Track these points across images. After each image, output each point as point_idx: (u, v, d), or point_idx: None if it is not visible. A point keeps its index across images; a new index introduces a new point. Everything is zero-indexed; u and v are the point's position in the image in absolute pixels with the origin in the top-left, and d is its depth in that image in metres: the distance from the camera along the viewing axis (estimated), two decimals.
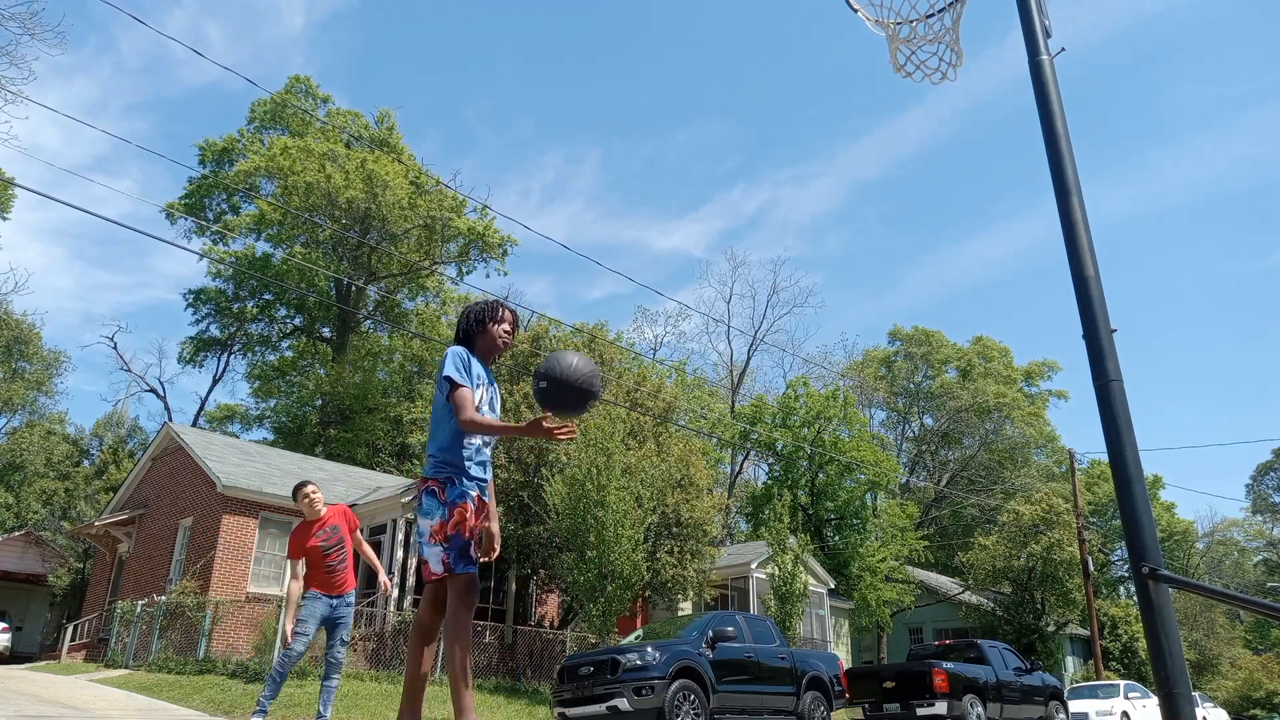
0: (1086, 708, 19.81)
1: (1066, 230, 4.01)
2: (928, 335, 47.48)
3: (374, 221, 32.99)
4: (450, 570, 3.56)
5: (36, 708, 8.99)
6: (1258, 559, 58.72)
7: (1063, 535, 28.34)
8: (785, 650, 13.02)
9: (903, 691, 13.77)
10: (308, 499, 6.57)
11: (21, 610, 29.37)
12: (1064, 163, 4.10)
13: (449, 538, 3.57)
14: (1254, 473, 58.94)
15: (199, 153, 39.22)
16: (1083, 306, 3.87)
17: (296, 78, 40.22)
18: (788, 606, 20.01)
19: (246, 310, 38.57)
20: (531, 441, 17.66)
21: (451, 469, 3.67)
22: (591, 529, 15.69)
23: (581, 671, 11.11)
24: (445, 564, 3.57)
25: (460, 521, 3.59)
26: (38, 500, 31.90)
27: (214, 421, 39.02)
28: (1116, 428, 3.65)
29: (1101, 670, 26.25)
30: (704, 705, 10.78)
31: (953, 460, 45.73)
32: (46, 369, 37.29)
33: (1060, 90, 4.22)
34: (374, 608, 17.58)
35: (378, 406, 34.18)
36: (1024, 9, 4.38)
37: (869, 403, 43.11)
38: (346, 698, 11.85)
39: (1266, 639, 48.43)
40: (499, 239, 36.90)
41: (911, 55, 4.80)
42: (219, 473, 18.00)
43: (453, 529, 3.58)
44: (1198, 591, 3.97)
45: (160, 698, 11.30)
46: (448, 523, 3.59)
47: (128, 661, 15.84)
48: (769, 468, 35.59)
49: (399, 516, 18.18)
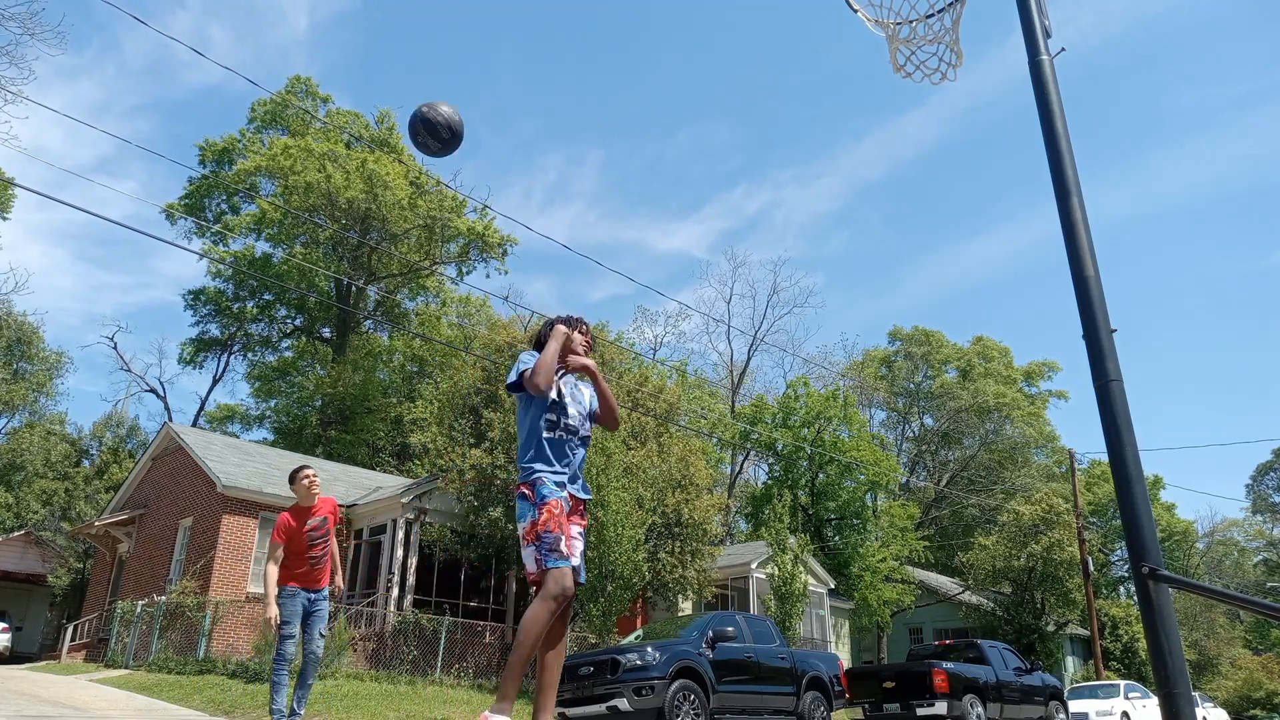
0: (1086, 708, 19.81)
1: (1066, 230, 4.02)
2: (928, 335, 47.48)
3: (374, 221, 32.99)
4: (541, 566, 3.60)
5: (36, 708, 8.99)
6: (1258, 559, 58.71)
7: (1063, 535, 28.34)
8: (785, 650, 13.02)
9: (903, 691, 13.77)
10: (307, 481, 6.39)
11: (21, 610, 29.37)
12: (1064, 163, 4.10)
13: (539, 535, 3.63)
14: (1254, 473, 58.98)
15: (199, 153, 39.23)
16: (1083, 306, 3.87)
17: (297, 78, 40.22)
18: (788, 606, 20.01)
19: (246, 310, 38.57)
20: None
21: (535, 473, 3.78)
22: (591, 529, 15.69)
23: (581, 671, 11.11)
24: (537, 561, 3.62)
25: (549, 518, 3.65)
26: (38, 500, 31.89)
27: (214, 421, 39.02)
28: (1116, 428, 3.65)
29: (1101, 670, 26.25)
30: (704, 705, 10.78)
31: (953, 460, 45.73)
32: (48, 370, 37.28)
33: (1060, 91, 4.23)
34: (374, 608, 17.58)
35: (378, 407, 34.18)
36: (1024, 9, 4.38)
37: (869, 403, 43.10)
38: (346, 697, 11.85)
39: (1266, 639, 48.43)
40: (499, 239, 36.89)
41: (911, 55, 4.80)
42: (219, 473, 17.99)
43: (542, 526, 3.64)
44: (1198, 591, 3.98)
45: (160, 698, 11.30)
46: (538, 521, 3.65)
47: (128, 661, 15.84)
48: (769, 468, 35.60)
49: (399, 516, 18.18)
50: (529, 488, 3.74)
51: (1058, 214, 4.07)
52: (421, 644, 16.11)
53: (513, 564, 19.00)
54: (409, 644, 15.98)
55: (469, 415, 19.35)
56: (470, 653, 16.79)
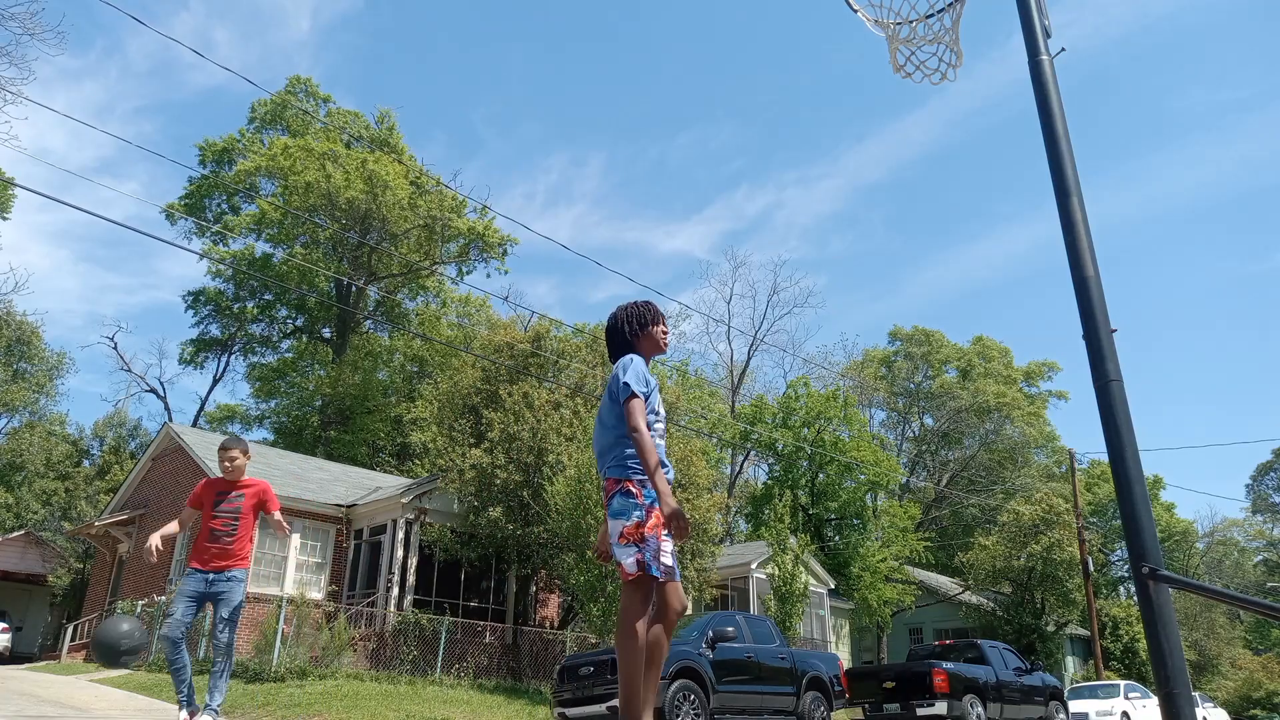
0: (1086, 708, 19.81)
1: (1066, 230, 4.01)
2: (928, 335, 47.47)
3: (374, 221, 32.98)
4: (645, 571, 3.53)
5: (37, 708, 8.99)
6: (1258, 559, 58.70)
7: (1063, 535, 28.34)
8: (785, 650, 13.02)
9: (903, 691, 13.76)
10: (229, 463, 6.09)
11: (21, 610, 29.35)
12: (1064, 163, 4.10)
13: (645, 539, 3.56)
14: (1254, 473, 59.02)
15: (199, 153, 39.23)
16: (1083, 307, 3.87)
17: (297, 78, 40.21)
18: (788, 606, 20.01)
19: (247, 311, 38.58)
20: (531, 441, 17.66)
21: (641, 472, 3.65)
22: (592, 529, 15.67)
23: (581, 671, 11.11)
24: (641, 563, 3.54)
25: (657, 524, 3.58)
26: (38, 500, 31.89)
27: (214, 422, 39.02)
28: (1116, 428, 3.65)
29: (1101, 670, 26.24)
30: (704, 705, 10.78)
31: (953, 460, 45.70)
32: (49, 370, 37.26)
33: (1060, 91, 4.23)
34: (374, 608, 17.58)
35: (378, 407, 34.18)
36: (1024, 10, 4.38)
37: (869, 403, 43.08)
38: (346, 697, 11.85)
39: (1266, 639, 48.45)
40: (499, 239, 36.89)
41: (911, 55, 4.80)
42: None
43: (650, 530, 3.57)
44: (1198, 591, 3.97)
45: (160, 698, 11.29)
46: (644, 524, 3.58)
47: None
48: (769, 468, 35.60)
49: (399, 516, 18.18)
50: (637, 487, 3.63)
51: (1058, 214, 4.07)
52: (421, 644, 16.11)
53: (512, 564, 18.99)
54: (409, 644, 15.98)
55: (469, 415, 19.34)
56: (470, 653, 16.79)
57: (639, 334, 3.98)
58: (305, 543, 18.80)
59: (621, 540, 3.58)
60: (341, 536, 19.37)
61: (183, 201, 38.93)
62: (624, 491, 3.64)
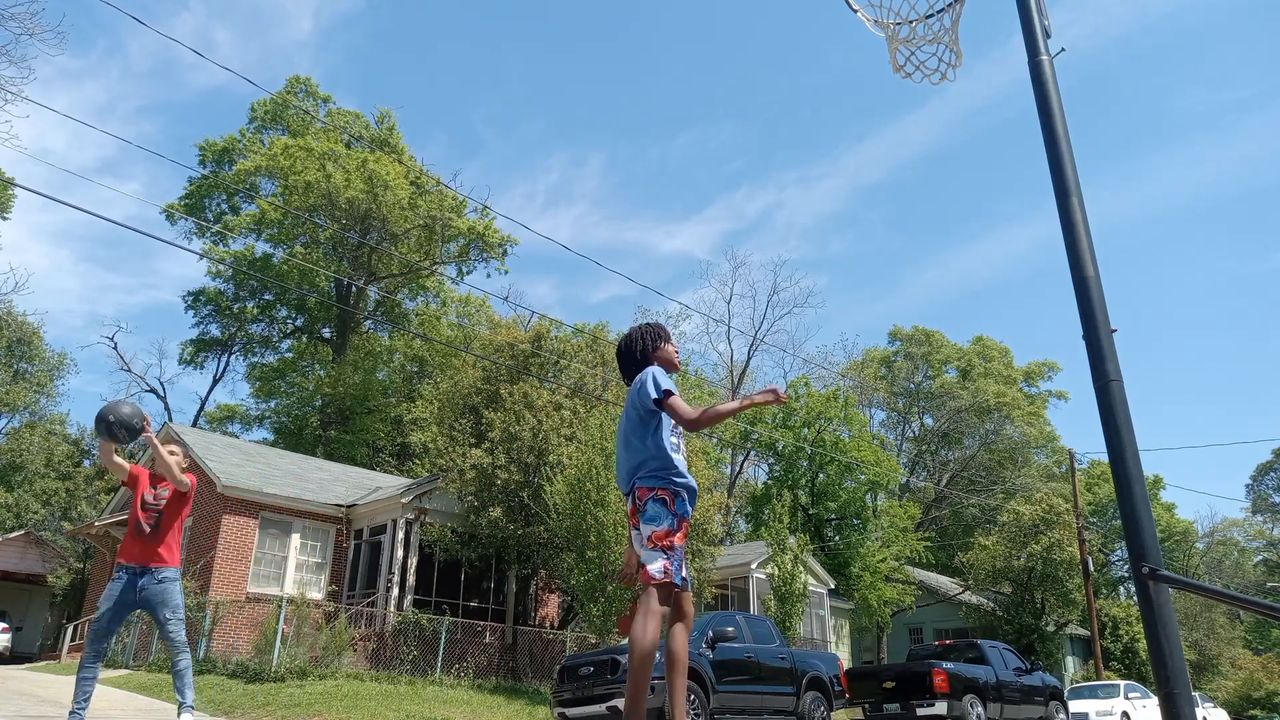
0: (1086, 708, 19.81)
1: (1066, 230, 4.01)
2: (928, 335, 47.47)
3: (374, 221, 32.98)
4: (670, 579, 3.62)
5: (37, 708, 8.99)
6: (1258, 559, 58.70)
7: (1063, 535, 28.33)
8: (785, 650, 13.01)
9: (903, 691, 13.76)
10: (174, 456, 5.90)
11: (21, 610, 29.36)
12: (1064, 163, 4.09)
13: (674, 547, 3.66)
14: (1254, 473, 58.99)
15: (199, 153, 39.22)
16: (1083, 307, 3.87)
17: (296, 78, 40.20)
18: (788, 606, 20.01)
19: (247, 311, 38.57)
20: (532, 441, 17.66)
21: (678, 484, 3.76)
22: (592, 529, 15.67)
23: (581, 671, 11.11)
24: (667, 570, 3.62)
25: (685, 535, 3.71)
26: (38, 500, 31.90)
27: (214, 422, 39.02)
28: (1116, 428, 3.65)
29: (1102, 670, 26.24)
30: (704, 705, 10.77)
31: (953, 460, 45.69)
32: (49, 371, 37.27)
33: (1060, 91, 4.23)
34: (374, 608, 17.59)
35: (378, 407, 34.17)
36: (1024, 10, 4.38)
37: (869, 403, 43.06)
38: (346, 697, 11.85)
39: (1266, 639, 48.45)
40: (499, 239, 36.89)
41: (911, 55, 4.81)
42: (219, 473, 17.99)
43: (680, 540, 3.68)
44: (1198, 591, 3.97)
45: (160, 698, 11.30)
46: (675, 533, 3.67)
47: (128, 661, 15.84)
48: (769, 468, 35.61)
49: (399, 516, 18.18)
50: (671, 496, 3.73)
51: (1058, 214, 4.07)
52: (421, 644, 16.11)
53: (513, 564, 18.98)
54: (409, 644, 15.98)
55: (469, 415, 19.34)
56: (470, 653, 16.78)
57: (650, 353, 4.06)
58: (305, 543, 18.80)
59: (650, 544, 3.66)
60: (341, 536, 19.38)
61: (183, 201, 38.92)
62: (658, 499, 3.73)
